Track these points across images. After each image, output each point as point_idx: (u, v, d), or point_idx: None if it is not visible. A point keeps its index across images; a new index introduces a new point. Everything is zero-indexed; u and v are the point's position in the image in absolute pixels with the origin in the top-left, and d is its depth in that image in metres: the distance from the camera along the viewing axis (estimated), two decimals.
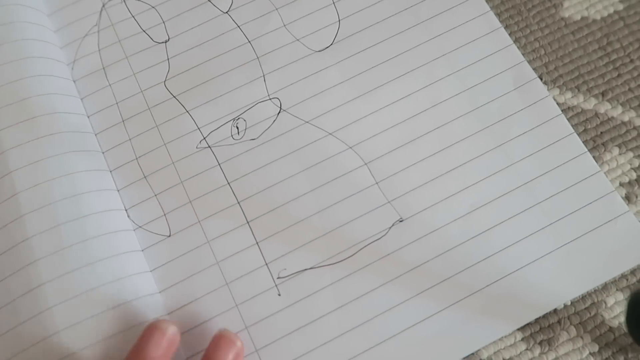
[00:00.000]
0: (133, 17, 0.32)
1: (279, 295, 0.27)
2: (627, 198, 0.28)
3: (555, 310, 0.26)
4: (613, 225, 0.27)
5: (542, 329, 0.26)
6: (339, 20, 0.31)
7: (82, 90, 0.31)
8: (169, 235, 0.28)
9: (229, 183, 0.29)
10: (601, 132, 0.29)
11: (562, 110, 0.29)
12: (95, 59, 0.31)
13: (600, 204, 0.27)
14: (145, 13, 0.32)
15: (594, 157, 0.28)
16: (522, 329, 0.26)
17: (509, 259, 0.27)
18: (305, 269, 0.27)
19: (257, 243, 0.28)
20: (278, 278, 0.27)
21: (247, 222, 0.28)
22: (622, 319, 0.26)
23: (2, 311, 0.25)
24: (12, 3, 0.30)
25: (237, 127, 0.30)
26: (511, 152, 0.28)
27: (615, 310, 0.26)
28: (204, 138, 0.30)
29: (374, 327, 0.26)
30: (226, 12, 0.32)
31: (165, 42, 0.32)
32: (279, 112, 0.30)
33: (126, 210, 0.28)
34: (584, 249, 0.27)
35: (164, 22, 0.32)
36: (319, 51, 0.31)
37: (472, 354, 0.26)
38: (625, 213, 0.27)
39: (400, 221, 0.28)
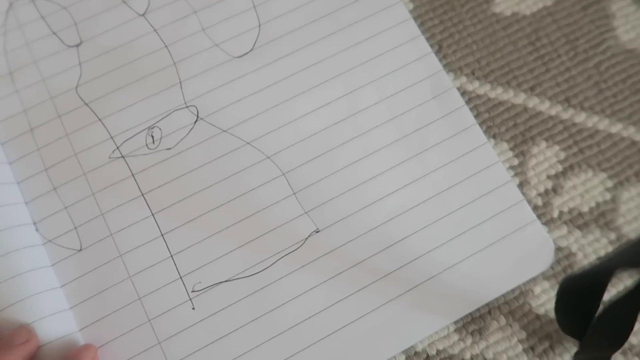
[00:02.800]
0: (43, 18, 0.30)
1: (193, 309, 0.26)
2: (554, 190, 0.29)
3: None
4: (521, 233, 0.28)
5: (473, 319, 0.27)
6: (259, 25, 0.31)
7: None
8: (80, 250, 0.27)
9: (142, 194, 0.28)
10: (530, 126, 0.30)
11: (492, 105, 0.30)
12: (2, 64, 0.30)
13: (510, 212, 0.28)
14: (56, 14, 0.31)
15: (522, 151, 0.29)
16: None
17: (422, 268, 0.27)
18: (221, 282, 0.27)
19: (171, 256, 0.27)
20: (192, 292, 0.27)
21: (162, 235, 0.27)
22: (548, 306, 0.27)
23: None
24: None
25: (152, 136, 0.29)
26: (428, 161, 0.29)
27: (542, 299, 0.27)
28: (117, 148, 0.29)
29: (291, 337, 0.26)
30: (142, 15, 0.31)
31: (77, 45, 0.30)
32: (196, 120, 0.29)
33: (35, 224, 0.27)
34: (494, 256, 0.27)
35: (76, 24, 0.30)
36: (239, 57, 0.30)
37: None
38: (533, 221, 0.28)
39: (317, 232, 0.28)
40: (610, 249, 0.28)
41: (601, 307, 0.22)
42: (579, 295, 0.22)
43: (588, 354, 0.22)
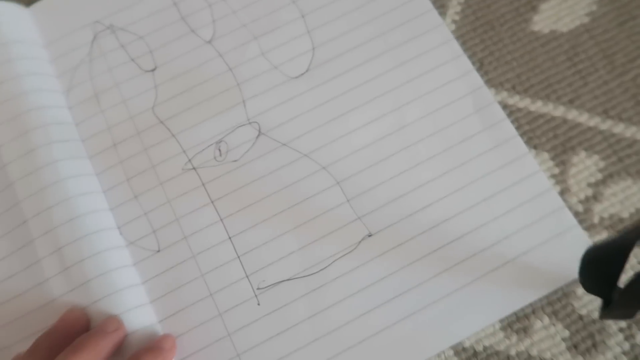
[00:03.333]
0: (123, 47, 0.34)
1: (259, 304, 0.29)
2: (594, 197, 0.30)
3: None
4: (563, 237, 0.29)
5: (518, 318, 0.29)
6: (313, 49, 0.34)
7: (77, 117, 0.33)
8: (158, 251, 0.31)
9: (212, 202, 0.31)
10: (570, 137, 0.31)
11: (533, 118, 0.32)
12: (88, 87, 0.34)
13: (552, 218, 0.30)
14: (134, 43, 0.34)
15: (562, 160, 0.31)
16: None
17: (467, 271, 0.29)
18: (283, 281, 0.30)
19: (238, 257, 0.30)
20: (258, 289, 0.30)
21: (229, 238, 0.31)
22: (590, 307, 0.29)
23: (15, 324, 0.28)
24: (10, 40, 0.33)
25: (220, 150, 0.32)
26: (472, 170, 0.31)
27: (584, 300, 0.29)
28: (189, 160, 0.32)
29: (346, 332, 0.29)
30: (209, 42, 0.34)
31: (153, 70, 0.34)
32: (258, 135, 0.32)
33: (119, 228, 0.31)
34: (537, 259, 0.29)
35: (151, 51, 0.34)
36: (295, 77, 0.33)
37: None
38: (574, 227, 0.30)
39: (369, 236, 0.30)
40: None
41: (631, 275, 0.23)
42: (603, 262, 0.23)
43: (615, 312, 0.24)
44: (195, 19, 0.35)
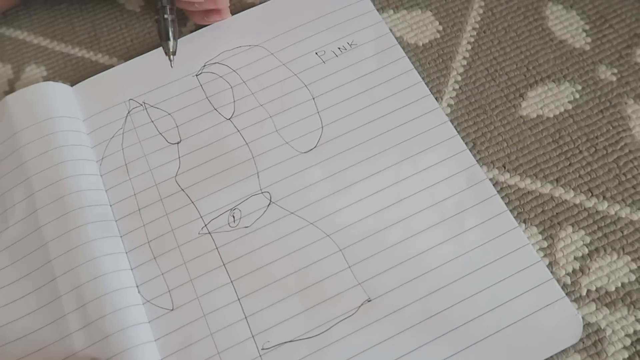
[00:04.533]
0: (152, 122, 0.39)
1: None
2: (581, 270, 0.32)
3: None
4: (551, 309, 0.31)
5: None
6: (322, 127, 0.37)
7: (107, 183, 0.37)
8: (172, 309, 0.33)
9: (224, 264, 0.34)
10: (557, 213, 0.34)
11: (522, 194, 0.34)
12: (119, 157, 0.38)
13: (541, 289, 0.32)
14: (162, 119, 0.39)
15: (550, 235, 0.33)
16: None
17: (461, 337, 0.31)
18: (286, 342, 0.32)
19: (245, 318, 0.32)
20: (262, 349, 0.32)
21: (238, 299, 0.33)
22: None
23: None
24: (56, 115, 0.37)
25: (234, 216, 0.35)
26: (465, 242, 0.33)
27: None
28: (205, 225, 0.35)
29: None
30: (228, 119, 0.38)
31: (178, 143, 0.38)
32: (269, 204, 0.35)
33: (137, 286, 0.34)
34: (526, 329, 0.31)
35: (177, 126, 0.38)
36: (305, 152, 0.37)
37: None
38: (562, 298, 0.31)
39: (369, 301, 0.32)
40: (637, 326, 0.31)
41: None
42: None
43: None
44: (218, 98, 0.39)
